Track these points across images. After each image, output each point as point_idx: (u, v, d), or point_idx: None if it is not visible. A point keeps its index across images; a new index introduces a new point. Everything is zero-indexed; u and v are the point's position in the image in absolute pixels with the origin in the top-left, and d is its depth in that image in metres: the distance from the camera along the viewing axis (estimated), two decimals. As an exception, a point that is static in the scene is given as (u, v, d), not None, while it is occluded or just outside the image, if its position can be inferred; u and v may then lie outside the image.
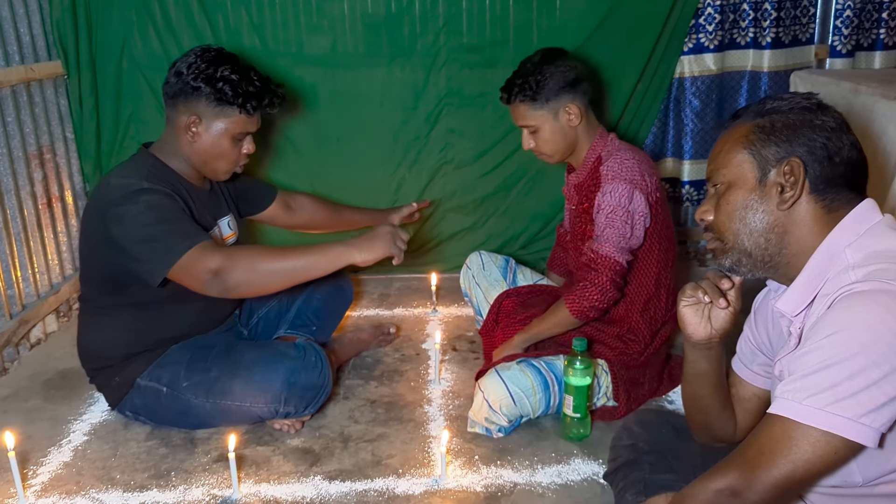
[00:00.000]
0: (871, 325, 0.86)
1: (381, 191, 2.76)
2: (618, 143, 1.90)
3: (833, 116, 1.04)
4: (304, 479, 1.68)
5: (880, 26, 2.75)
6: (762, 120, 1.06)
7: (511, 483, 1.65)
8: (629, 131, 2.75)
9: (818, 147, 1.02)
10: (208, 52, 1.77)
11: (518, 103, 1.90)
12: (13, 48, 2.31)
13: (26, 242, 2.35)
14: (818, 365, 0.88)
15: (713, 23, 2.68)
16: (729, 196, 1.07)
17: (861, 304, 0.89)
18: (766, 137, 1.04)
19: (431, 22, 2.55)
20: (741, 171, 1.06)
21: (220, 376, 1.79)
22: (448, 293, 2.69)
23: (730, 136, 1.09)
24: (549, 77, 1.85)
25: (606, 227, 1.80)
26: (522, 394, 1.77)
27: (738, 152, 1.06)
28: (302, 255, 1.60)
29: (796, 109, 1.04)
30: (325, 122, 2.66)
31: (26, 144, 2.35)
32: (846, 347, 0.87)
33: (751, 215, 1.05)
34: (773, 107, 1.06)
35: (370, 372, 2.17)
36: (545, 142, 1.92)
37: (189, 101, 1.74)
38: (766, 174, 1.04)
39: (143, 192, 1.64)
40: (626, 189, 1.79)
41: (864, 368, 0.85)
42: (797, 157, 1.02)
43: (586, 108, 1.90)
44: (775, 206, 1.03)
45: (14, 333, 2.25)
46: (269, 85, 1.80)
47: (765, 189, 1.04)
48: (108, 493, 1.64)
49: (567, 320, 1.85)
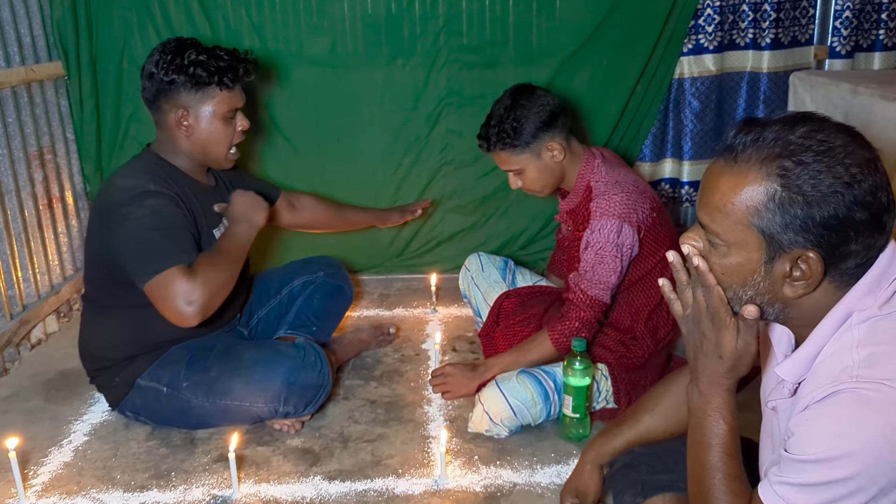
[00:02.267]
0: (871, 440, 0.82)
1: (381, 191, 2.76)
2: (605, 174, 1.85)
3: (871, 167, 0.86)
4: (304, 480, 1.68)
5: (879, 27, 2.76)
6: (780, 184, 0.86)
7: (510, 483, 1.65)
8: (629, 132, 2.76)
9: (848, 226, 0.85)
10: (168, 44, 1.79)
11: (499, 151, 1.88)
12: (14, 49, 2.31)
13: (27, 243, 2.35)
14: (818, 480, 0.86)
15: (712, 24, 2.68)
16: (724, 259, 0.94)
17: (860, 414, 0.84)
18: (783, 218, 0.87)
19: (431, 22, 2.56)
20: (745, 246, 0.91)
21: (220, 376, 1.79)
22: (448, 293, 2.70)
23: (734, 188, 0.90)
24: (524, 120, 1.82)
25: (596, 264, 1.79)
26: (523, 406, 1.77)
27: (744, 228, 0.90)
28: (233, 251, 1.76)
29: (827, 161, 0.85)
30: (325, 123, 2.66)
31: (27, 145, 2.35)
32: (845, 471, 0.84)
33: (750, 285, 0.93)
34: (797, 157, 0.86)
35: (370, 372, 2.18)
36: (532, 181, 1.90)
37: (170, 96, 1.76)
38: (773, 259, 0.90)
39: (150, 196, 1.66)
40: (615, 224, 1.77)
41: (863, 487, 0.83)
42: (817, 254, 0.87)
43: (567, 139, 1.88)
44: (779, 288, 0.92)
45: (15, 334, 2.26)
46: (238, 54, 1.82)
47: (771, 271, 0.91)
48: (108, 493, 1.65)
49: (549, 352, 1.84)
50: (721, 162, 0.92)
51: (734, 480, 1.01)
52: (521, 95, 1.86)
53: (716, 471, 1.01)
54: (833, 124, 0.89)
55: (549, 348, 1.83)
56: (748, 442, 1.26)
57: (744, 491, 1.00)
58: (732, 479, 1.00)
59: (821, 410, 0.87)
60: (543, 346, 1.84)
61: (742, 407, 1.04)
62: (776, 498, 0.90)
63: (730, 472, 1.01)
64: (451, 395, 1.95)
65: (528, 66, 2.60)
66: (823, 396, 0.87)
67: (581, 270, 1.83)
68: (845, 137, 0.88)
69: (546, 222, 2.82)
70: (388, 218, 2.49)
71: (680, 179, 2.89)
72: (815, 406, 0.88)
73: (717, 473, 1.01)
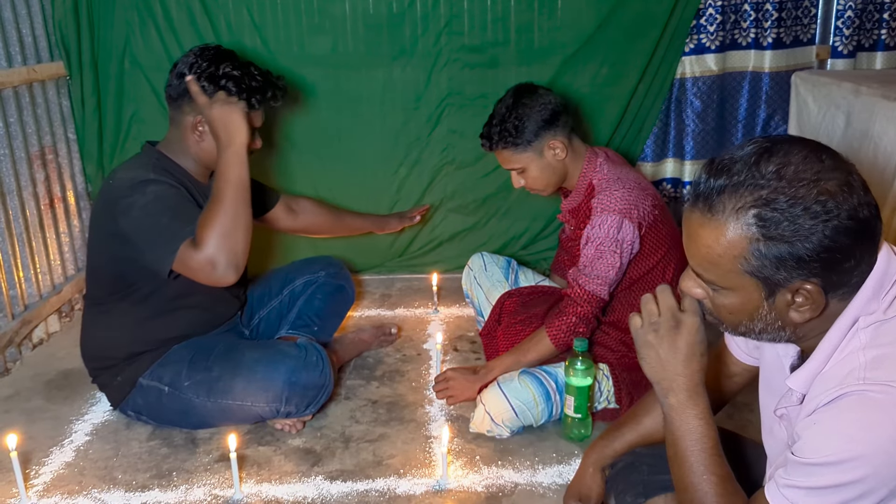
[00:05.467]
0: (880, 444, 0.83)
1: (383, 191, 2.76)
2: (607, 171, 1.86)
3: (845, 190, 0.84)
4: (306, 480, 1.68)
5: (881, 27, 2.75)
6: (761, 233, 0.86)
7: (512, 483, 1.65)
8: (631, 131, 2.76)
9: (836, 252, 0.85)
10: (207, 50, 1.78)
11: (501, 150, 1.89)
12: (15, 49, 2.31)
13: (28, 243, 2.35)
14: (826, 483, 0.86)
15: (714, 23, 2.68)
16: (727, 300, 0.95)
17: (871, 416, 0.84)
18: (771, 261, 0.87)
19: (433, 22, 2.56)
20: (742, 288, 0.92)
21: (222, 375, 1.79)
22: (449, 293, 2.70)
23: (716, 241, 0.90)
24: (525, 119, 1.83)
25: (595, 259, 1.79)
26: (524, 406, 1.77)
27: (736, 274, 0.91)
28: (226, 187, 1.63)
29: (801, 201, 0.84)
30: (326, 123, 2.66)
31: (28, 145, 2.35)
32: (855, 474, 0.84)
33: (758, 318, 0.94)
34: (771, 205, 0.85)
35: (371, 372, 2.18)
36: (535, 179, 1.91)
37: (193, 101, 1.75)
38: (773, 294, 0.91)
39: (151, 183, 1.66)
40: (616, 220, 1.77)
41: (872, 489, 0.84)
42: (815, 283, 0.88)
43: (569, 137, 1.89)
44: (786, 315, 0.92)
45: (16, 333, 2.26)
46: (271, 78, 1.81)
47: (774, 304, 0.92)
48: (109, 492, 1.65)
49: (549, 350, 1.84)
50: (697, 213, 0.93)
51: (725, 482, 1.01)
52: (523, 94, 1.87)
53: (708, 474, 1.01)
54: (799, 151, 0.87)
55: (547, 346, 1.83)
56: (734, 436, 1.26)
57: (737, 490, 1.00)
58: (723, 481, 1.00)
59: (829, 414, 0.87)
60: (542, 343, 1.84)
61: (743, 407, 1.04)
62: (784, 501, 0.90)
63: (720, 473, 1.01)
64: (454, 399, 1.94)
65: (529, 65, 2.60)
66: (831, 399, 0.87)
67: (580, 265, 1.83)
68: (815, 165, 0.86)
69: (548, 222, 2.82)
70: (386, 224, 2.50)
71: (682, 179, 2.89)
72: (822, 409, 0.88)
73: (709, 476, 1.00)
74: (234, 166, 1.65)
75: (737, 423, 1.76)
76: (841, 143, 2.17)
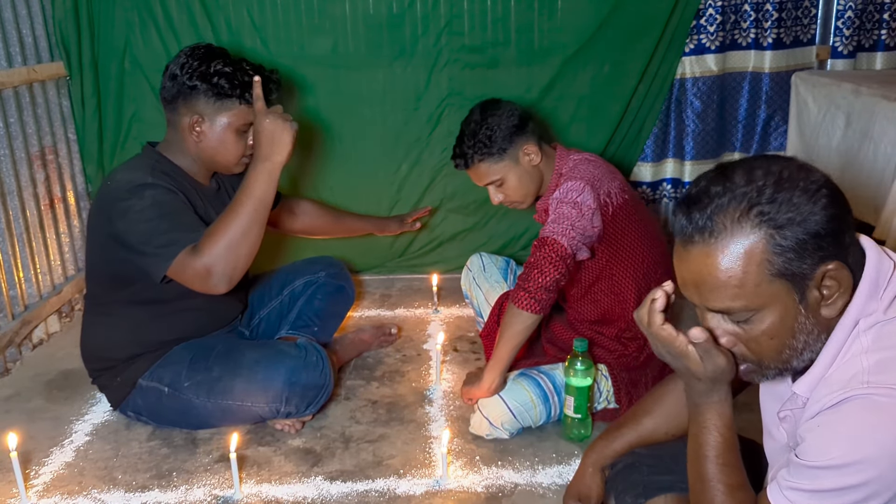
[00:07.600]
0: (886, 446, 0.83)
1: (383, 191, 2.77)
2: (575, 158, 1.89)
3: (809, 167, 0.90)
4: (306, 480, 1.68)
5: (881, 27, 2.76)
6: (769, 227, 0.86)
7: (512, 484, 1.65)
8: (631, 132, 2.76)
9: (839, 218, 0.87)
10: (198, 49, 1.78)
11: (477, 164, 1.89)
12: (15, 49, 2.31)
13: (28, 243, 2.35)
14: (831, 485, 0.86)
15: (714, 24, 2.68)
16: (763, 325, 0.91)
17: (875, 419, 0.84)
18: (794, 251, 0.86)
19: (433, 22, 2.56)
20: (776, 299, 0.89)
21: (222, 376, 1.79)
22: (449, 294, 2.70)
23: (732, 259, 0.88)
24: (496, 128, 1.85)
25: (556, 218, 1.76)
26: (522, 408, 1.77)
27: (767, 283, 0.88)
28: (246, 201, 1.60)
29: (787, 184, 0.87)
30: (326, 123, 2.66)
31: (29, 145, 2.35)
32: (859, 477, 0.84)
33: (798, 330, 0.91)
34: (763, 198, 0.87)
35: (371, 372, 2.18)
36: (514, 189, 1.91)
37: (188, 101, 1.75)
38: (804, 293, 0.89)
39: (149, 187, 1.65)
40: (577, 184, 1.77)
41: (877, 492, 0.84)
42: (836, 262, 0.87)
43: (539, 144, 1.91)
44: (820, 316, 0.91)
45: (16, 334, 2.26)
46: (263, 72, 1.81)
47: (807, 306, 0.90)
48: (109, 493, 1.65)
49: (522, 319, 1.72)
50: (698, 246, 0.90)
51: (737, 491, 1.00)
52: (487, 108, 1.91)
53: (717, 482, 1.01)
54: (751, 160, 0.91)
55: (517, 314, 1.73)
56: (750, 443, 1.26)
57: (747, 500, 1.00)
58: (735, 490, 1.00)
59: (833, 417, 0.87)
60: (511, 314, 1.75)
61: (743, 407, 1.04)
62: (787, 503, 0.90)
63: (730, 483, 1.00)
64: (475, 398, 1.87)
65: (529, 66, 2.60)
66: (835, 403, 0.87)
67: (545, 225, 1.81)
68: (770, 161, 0.90)
69: (547, 223, 2.82)
70: (386, 226, 2.50)
71: (682, 180, 2.89)
72: (826, 412, 0.88)
73: (719, 485, 1.00)
74: (262, 182, 1.62)
75: (737, 423, 1.75)
76: (841, 143, 2.17)
